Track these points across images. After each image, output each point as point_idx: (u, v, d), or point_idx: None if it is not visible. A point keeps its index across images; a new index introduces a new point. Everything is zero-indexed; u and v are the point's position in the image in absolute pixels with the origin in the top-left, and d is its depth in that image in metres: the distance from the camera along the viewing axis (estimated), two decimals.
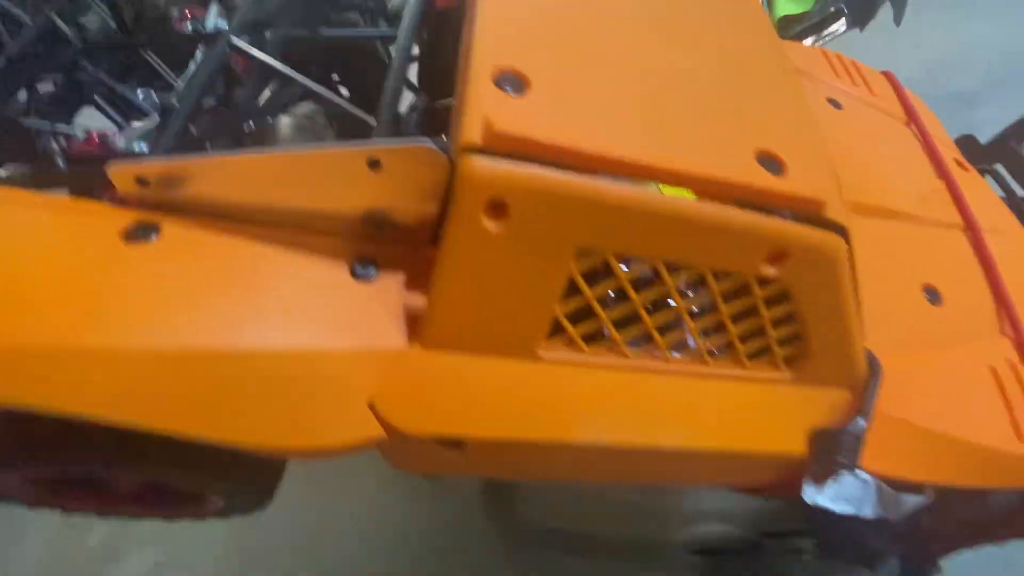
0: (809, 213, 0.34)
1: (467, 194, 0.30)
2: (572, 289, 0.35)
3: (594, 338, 0.38)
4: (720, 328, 0.38)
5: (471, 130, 0.30)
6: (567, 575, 1.05)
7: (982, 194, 0.66)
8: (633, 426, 0.39)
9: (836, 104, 0.65)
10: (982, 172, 0.77)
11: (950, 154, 0.69)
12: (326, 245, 0.38)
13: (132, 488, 0.48)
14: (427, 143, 0.30)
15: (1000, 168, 0.78)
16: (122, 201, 0.36)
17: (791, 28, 1.23)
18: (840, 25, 1.21)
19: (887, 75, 0.78)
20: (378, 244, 0.40)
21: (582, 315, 0.36)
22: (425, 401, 0.36)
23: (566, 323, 0.36)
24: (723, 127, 0.36)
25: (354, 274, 0.38)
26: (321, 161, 0.34)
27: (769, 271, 0.35)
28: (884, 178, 0.58)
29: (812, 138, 0.39)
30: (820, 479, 0.43)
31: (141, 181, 0.34)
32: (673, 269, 0.35)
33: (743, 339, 0.39)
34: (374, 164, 0.33)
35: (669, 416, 0.40)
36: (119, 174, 0.34)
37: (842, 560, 0.72)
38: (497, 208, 0.30)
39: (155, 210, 0.36)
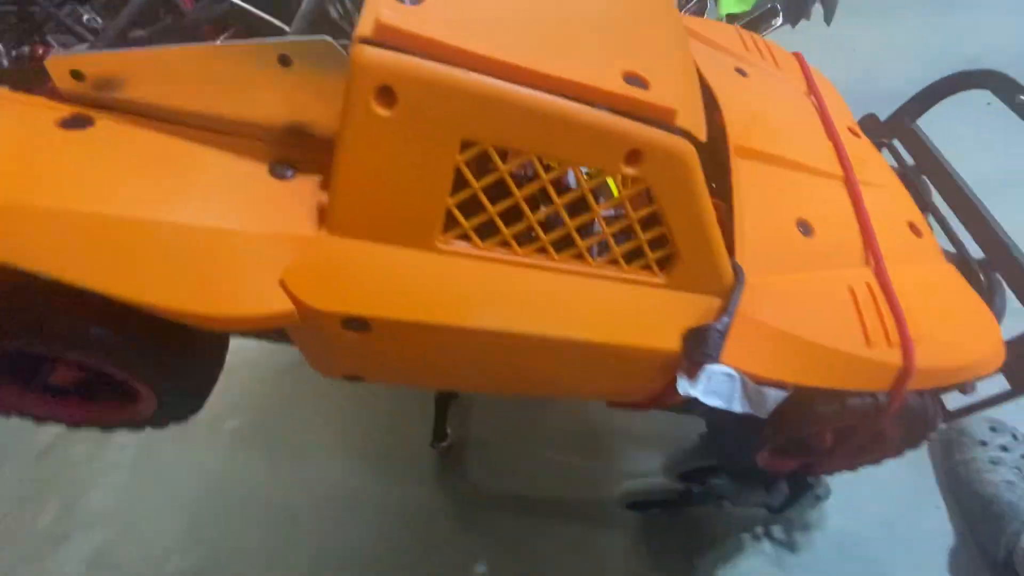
0: (661, 120, 0.40)
1: (357, 80, 0.35)
2: (461, 182, 0.40)
3: (487, 233, 0.43)
4: (596, 227, 0.44)
5: (364, 26, 0.35)
6: (518, 539, 1.10)
7: (868, 156, 0.74)
8: (522, 315, 0.44)
9: (742, 72, 0.73)
10: (881, 146, 0.86)
11: (845, 123, 0.77)
12: (248, 147, 0.43)
13: (64, 379, 0.51)
14: (327, 38, 0.36)
15: (897, 143, 0.86)
16: (60, 96, 0.41)
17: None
18: (777, 20, 1.32)
19: (797, 55, 0.87)
20: (299, 150, 0.45)
21: (473, 209, 0.42)
22: (332, 281, 0.41)
23: (457, 214, 0.41)
24: (600, 49, 0.41)
25: (272, 173, 0.43)
26: (237, 55, 0.39)
27: (628, 171, 0.41)
28: (775, 132, 0.65)
29: (680, 69, 0.45)
30: (691, 373, 0.49)
31: (76, 74, 0.39)
32: (549, 169, 0.41)
33: (617, 239, 0.45)
34: (284, 60, 0.38)
35: (555, 309, 0.46)
36: (55, 64, 0.39)
37: (747, 484, 0.78)
38: (386, 94, 0.36)
39: (90, 107, 0.40)
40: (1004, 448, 0.89)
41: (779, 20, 1.32)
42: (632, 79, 0.40)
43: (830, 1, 1.31)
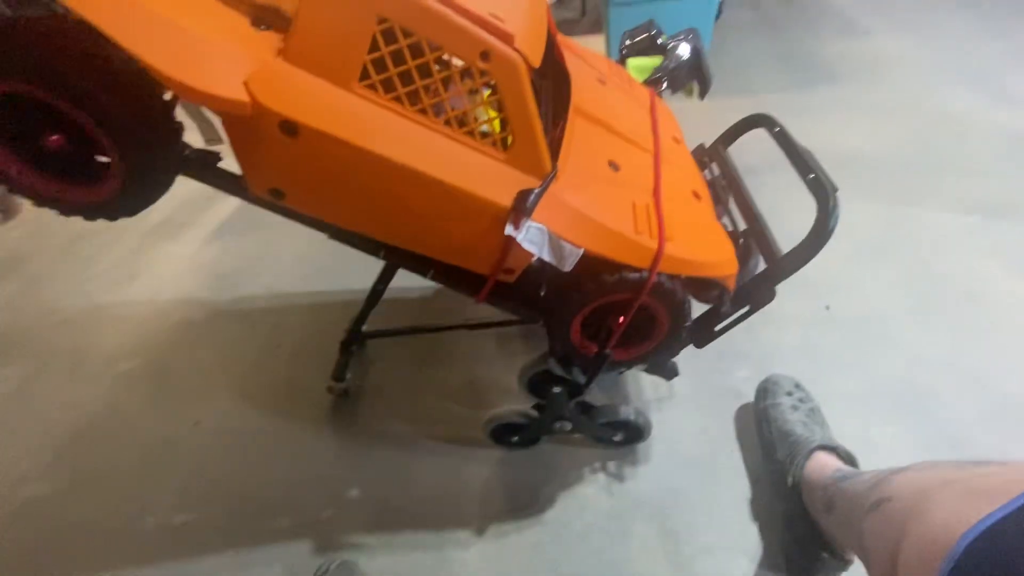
0: (506, 39, 0.66)
1: None
2: (375, 47, 0.64)
3: (389, 88, 0.66)
4: (461, 102, 0.69)
5: None
6: (392, 469, 1.26)
7: (680, 153, 1.06)
8: (403, 150, 0.67)
9: (602, 81, 1.04)
10: (704, 166, 1.19)
11: (671, 133, 1.09)
12: (239, 9, 0.66)
13: (52, 145, 0.67)
14: None
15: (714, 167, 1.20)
16: None
17: None
18: (662, 87, 1.73)
19: (650, 90, 1.21)
20: (272, 18, 0.68)
21: (381, 68, 0.65)
22: (279, 90, 0.62)
23: (370, 68, 0.65)
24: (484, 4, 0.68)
25: (252, 24, 0.66)
26: None
27: (481, 64, 0.66)
28: (610, 110, 0.95)
29: (530, 24, 0.73)
30: (516, 223, 0.73)
31: None
32: (435, 49, 0.65)
33: (474, 116, 0.70)
34: None
35: (428, 154, 0.68)
36: None
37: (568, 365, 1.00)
38: None
39: None
40: (801, 400, 1.16)
41: (664, 86, 1.72)
42: (494, 15, 0.66)
43: (705, 80, 1.74)
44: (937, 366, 1.27)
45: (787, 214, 0.97)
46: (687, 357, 1.06)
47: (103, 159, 0.69)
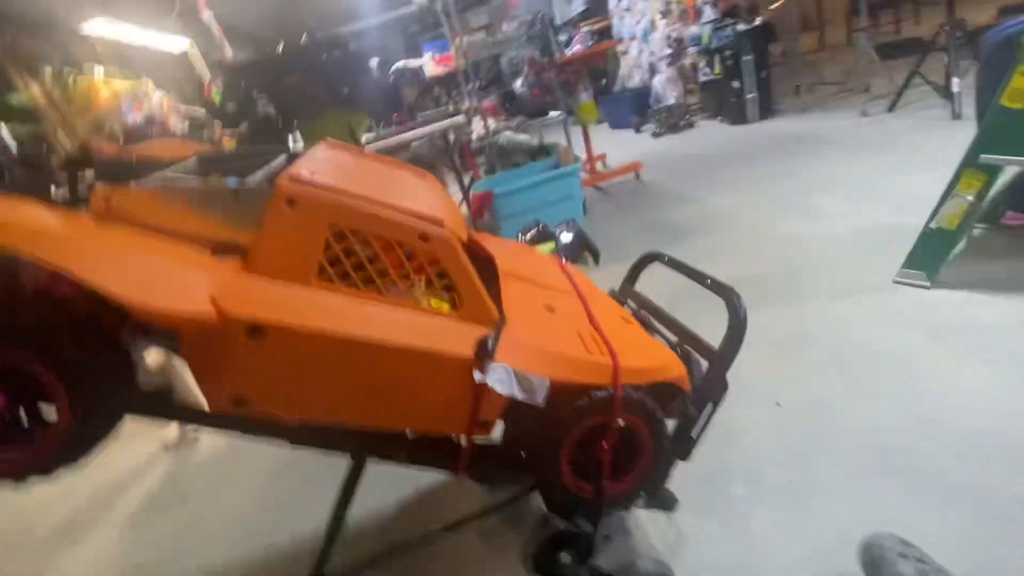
0: (437, 223, 0.80)
1: (278, 194, 0.71)
2: (328, 247, 0.74)
3: (344, 279, 0.74)
4: (410, 277, 0.78)
5: (283, 176, 0.73)
6: None
7: (600, 295, 1.21)
8: (368, 327, 0.72)
9: (518, 253, 1.22)
10: (622, 303, 1.35)
11: (586, 282, 1.26)
12: (200, 245, 0.75)
13: None
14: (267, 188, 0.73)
15: (630, 302, 1.37)
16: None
17: None
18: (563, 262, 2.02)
19: (555, 258, 1.42)
20: (228, 251, 0.77)
21: (336, 262, 0.74)
22: (244, 298, 0.67)
23: (326, 266, 0.73)
24: (408, 197, 0.83)
25: (213, 254, 0.74)
26: (212, 190, 0.74)
27: (422, 245, 0.78)
28: (535, 274, 1.10)
29: (448, 212, 0.88)
30: (482, 369, 0.77)
31: (108, 201, 0.70)
32: (381, 239, 0.76)
33: (427, 286, 0.79)
34: (237, 193, 0.73)
35: (390, 326, 0.74)
36: (97, 193, 0.70)
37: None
38: (291, 202, 0.72)
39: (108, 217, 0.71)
40: (922, 561, 0.96)
41: (564, 259, 2.00)
42: (422, 209, 0.81)
43: (594, 251, 2.07)
44: (896, 424, 1.35)
45: (699, 331, 1.11)
46: (681, 492, 1.03)
47: (39, 414, 0.67)
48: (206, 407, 0.71)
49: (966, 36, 3.49)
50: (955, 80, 3.33)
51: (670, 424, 0.95)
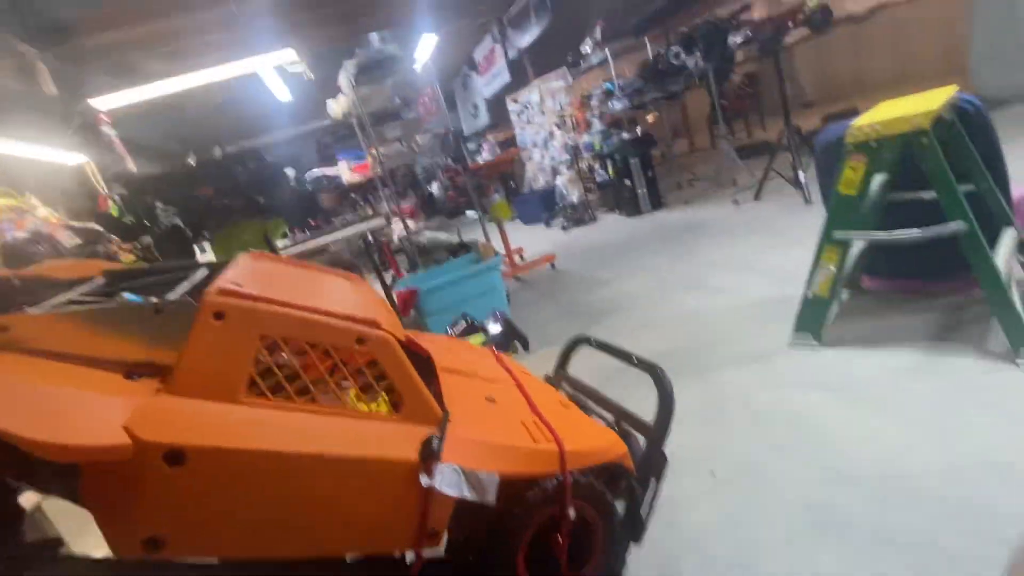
0: (374, 325, 0.80)
1: (205, 308, 0.69)
2: (259, 360, 0.71)
3: (276, 391, 0.71)
4: (347, 383, 0.76)
5: (212, 288, 0.71)
6: None
7: (536, 382, 1.23)
8: (304, 440, 0.68)
9: (451, 349, 1.23)
10: (557, 385, 1.38)
11: (521, 370, 1.28)
12: (110, 369, 0.68)
13: None
14: (190, 300, 0.69)
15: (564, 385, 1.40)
16: None
17: None
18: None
19: (490, 348, 1.44)
20: (144, 370, 0.71)
21: (266, 375, 0.70)
22: (163, 422, 0.61)
23: (257, 379, 0.70)
24: (339, 302, 0.83)
25: (126, 377, 0.67)
26: (125, 310, 0.69)
27: (360, 347, 0.77)
28: (472, 367, 1.11)
29: (384, 315, 0.89)
30: (429, 471, 0.74)
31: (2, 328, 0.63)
32: (316, 347, 0.74)
33: (364, 390, 0.77)
34: (158, 309, 0.69)
35: (327, 437, 0.70)
36: None
37: None
38: (219, 315, 0.69)
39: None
40: None
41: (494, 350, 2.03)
42: (354, 312, 0.81)
43: (523, 339, 2.12)
44: (817, 479, 1.44)
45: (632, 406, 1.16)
46: None
47: None
48: (109, 554, 0.61)
49: (801, 138, 4.26)
50: (800, 173, 4.01)
51: (618, 506, 0.95)
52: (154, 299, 0.71)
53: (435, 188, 4.19)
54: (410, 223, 3.89)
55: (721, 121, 5.24)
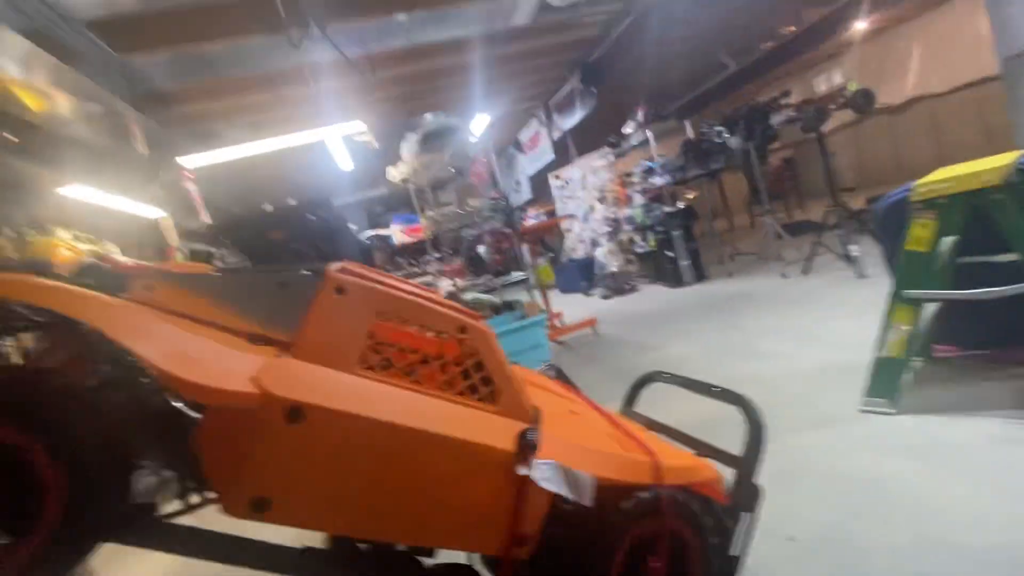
0: (475, 316, 0.82)
1: (327, 282, 0.72)
2: (372, 335, 0.72)
3: (386, 368, 0.72)
4: (451, 371, 0.76)
5: (331, 268, 0.75)
6: None
7: (610, 411, 1.20)
8: (409, 415, 0.68)
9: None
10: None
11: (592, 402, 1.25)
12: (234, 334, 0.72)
13: None
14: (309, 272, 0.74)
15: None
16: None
17: None
18: None
19: (554, 374, 1.42)
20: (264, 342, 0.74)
21: (379, 352, 0.72)
22: (287, 381, 0.63)
23: (368, 353, 0.71)
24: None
25: (248, 341, 0.70)
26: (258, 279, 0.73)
27: (461, 336, 0.79)
28: (550, 386, 1.10)
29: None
30: (526, 462, 0.72)
31: (148, 288, 0.68)
32: (424, 329, 0.76)
33: (465, 378, 0.77)
34: (284, 284, 0.73)
35: (430, 415, 0.70)
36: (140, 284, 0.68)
37: None
38: (340, 290, 0.73)
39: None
40: None
41: None
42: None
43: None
44: (908, 547, 1.30)
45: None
46: None
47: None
48: (221, 510, 0.61)
49: (849, 214, 4.26)
50: (852, 247, 3.97)
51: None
52: (282, 273, 0.75)
53: (482, 251, 4.34)
54: (457, 281, 4.00)
55: (765, 197, 5.32)
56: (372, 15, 4.00)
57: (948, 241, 1.83)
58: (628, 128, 6.53)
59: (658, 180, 5.99)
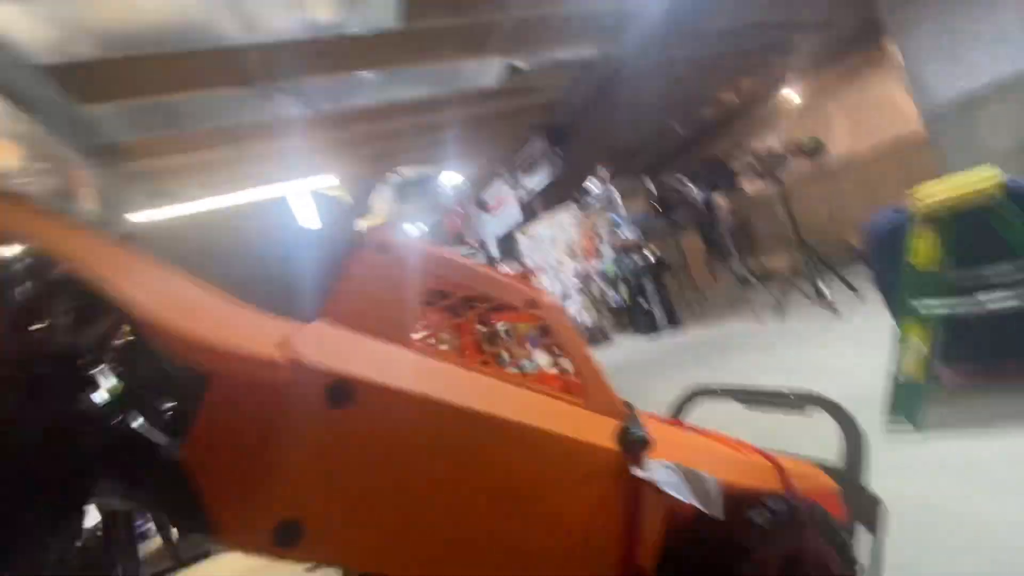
0: (543, 293, 0.67)
1: (368, 240, 0.56)
2: (427, 302, 0.56)
3: (445, 344, 0.54)
4: (523, 348, 0.59)
5: (373, 229, 0.59)
6: None
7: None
8: (484, 401, 0.50)
9: None
10: None
11: None
12: None
13: None
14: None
15: None
16: None
17: None
18: None
19: None
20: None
21: (439, 325, 0.55)
22: (326, 348, 0.45)
23: (422, 328, 0.54)
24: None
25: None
26: None
27: (532, 311, 0.63)
28: None
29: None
30: (638, 462, 0.54)
31: None
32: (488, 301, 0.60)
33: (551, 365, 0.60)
34: None
35: (508, 402, 0.53)
36: None
37: None
38: (382, 248, 0.56)
39: None
40: None
41: None
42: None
43: None
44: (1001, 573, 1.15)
45: None
46: None
47: None
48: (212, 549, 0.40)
49: (816, 257, 4.41)
50: (822, 288, 4.07)
51: None
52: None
53: None
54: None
55: (730, 246, 5.47)
56: (340, 71, 4.02)
57: (950, 252, 1.83)
58: (592, 185, 6.73)
59: (627, 233, 6.11)
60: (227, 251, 0.59)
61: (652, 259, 5.64)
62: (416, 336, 0.56)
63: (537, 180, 6.88)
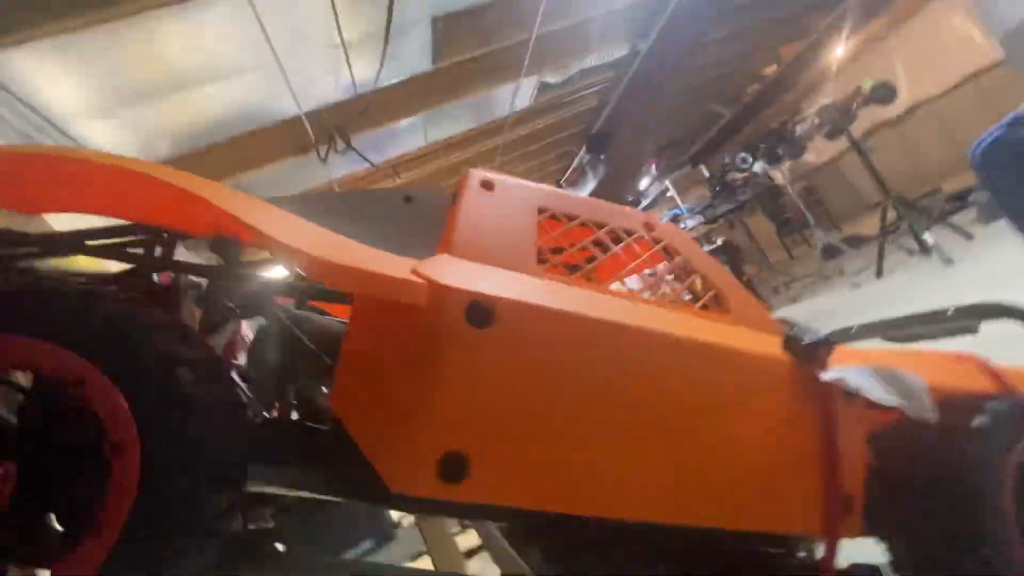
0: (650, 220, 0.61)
1: (469, 181, 0.54)
2: (543, 230, 0.52)
3: (572, 270, 0.50)
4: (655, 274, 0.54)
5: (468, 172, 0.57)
6: None
7: None
8: (644, 319, 0.45)
9: None
10: None
11: None
12: None
13: None
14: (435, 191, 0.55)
15: None
16: None
17: None
18: None
19: None
20: None
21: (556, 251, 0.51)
22: (460, 273, 0.42)
23: (545, 254, 0.50)
24: None
25: None
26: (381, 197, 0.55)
27: (650, 235, 0.58)
28: None
29: None
30: (822, 364, 0.47)
31: None
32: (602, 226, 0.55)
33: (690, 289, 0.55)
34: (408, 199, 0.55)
35: (677, 323, 0.47)
36: None
37: None
38: (487, 185, 0.54)
39: None
40: None
41: None
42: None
43: None
44: None
45: None
46: None
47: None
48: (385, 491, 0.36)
49: (908, 205, 4.02)
50: (926, 236, 3.67)
51: None
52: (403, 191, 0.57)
53: None
54: None
55: (809, 216, 5.11)
56: (384, 122, 4.23)
57: None
58: (644, 183, 6.60)
59: (689, 223, 5.90)
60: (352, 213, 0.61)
61: (720, 244, 5.38)
62: (539, 264, 0.52)
63: (586, 191, 6.85)
